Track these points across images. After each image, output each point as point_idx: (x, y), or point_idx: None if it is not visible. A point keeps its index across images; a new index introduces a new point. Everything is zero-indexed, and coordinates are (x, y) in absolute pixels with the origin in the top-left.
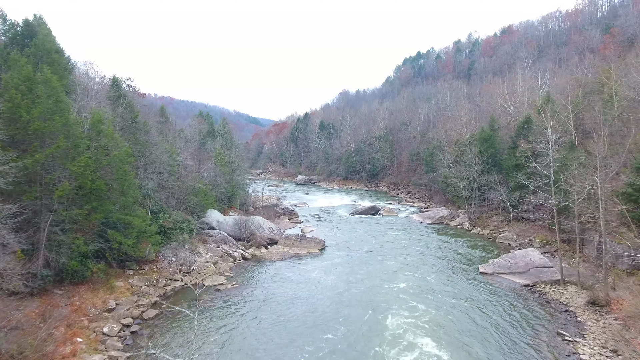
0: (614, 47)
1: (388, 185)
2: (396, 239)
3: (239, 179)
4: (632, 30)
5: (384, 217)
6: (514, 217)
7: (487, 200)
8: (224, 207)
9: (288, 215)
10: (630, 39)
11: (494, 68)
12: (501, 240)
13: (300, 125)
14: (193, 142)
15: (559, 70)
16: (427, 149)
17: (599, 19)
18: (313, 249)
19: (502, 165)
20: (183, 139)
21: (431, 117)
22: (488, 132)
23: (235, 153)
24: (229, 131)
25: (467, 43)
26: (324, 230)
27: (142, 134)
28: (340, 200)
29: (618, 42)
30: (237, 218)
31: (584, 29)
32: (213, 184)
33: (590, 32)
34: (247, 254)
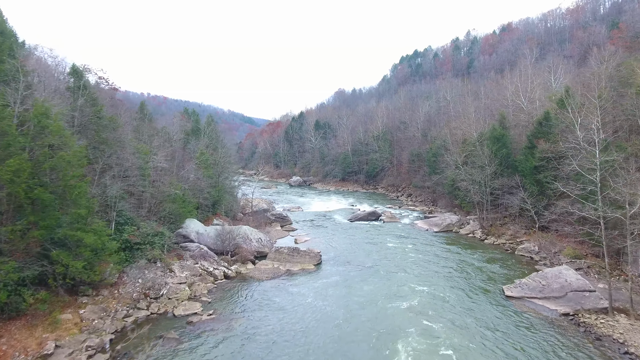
0: (623, 42)
1: (387, 187)
2: (401, 250)
3: (226, 182)
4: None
5: (385, 223)
6: (533, 225)
7: (500, 205)
8: (207, 215)
9: (280, 221)
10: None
11: (495, 66)
12: (521, 253)
13: (295, 125)
14: (176, 142)
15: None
16: (430, 149)
17: (602, 16)
18: (307, 265)
19: (518, 167)
20: (162, 138)
21: (432, 116)
22: (500, 131)
23: (221, 153)
24: (215, 129)
25: (465, 41)
26: (320, 240)
27: (108, 131)
28: (337, 204)
29: (627, 38)
30: (220, 228)
31: (588, 25)
32: (194, 188)
33: (595, 28)
34: (231, 271)
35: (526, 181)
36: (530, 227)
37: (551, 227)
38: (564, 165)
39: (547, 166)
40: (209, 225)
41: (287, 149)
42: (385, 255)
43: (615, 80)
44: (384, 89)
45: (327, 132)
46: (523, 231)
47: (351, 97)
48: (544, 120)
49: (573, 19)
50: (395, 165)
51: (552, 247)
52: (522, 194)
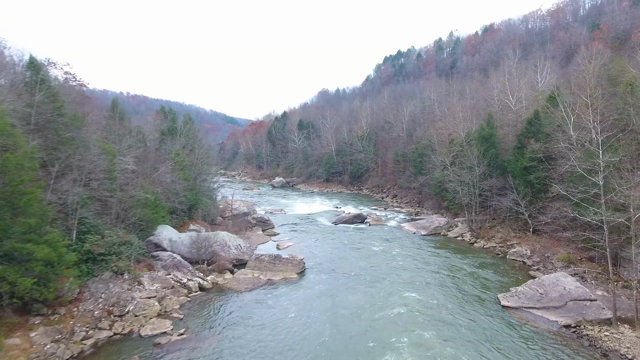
0: (604, 43)
1: (372, 188)
2: (388, 255)
3: (205, 184)
4: (622, 26)
5: (371, 226)
6: (526, 228)
7: (490, 207)
8: (183, 220)
9: (262, 225)
10: (621, 35)
11: (478, 66)
12: (513, 257)
13: (278, 125)
14: (151, 142)
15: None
16: (416, 150)
17: (582, 17)
18: (290, 273)
19: (507, 167)
20: (134, 138)
21: (417, 116)
22: (488, 130)
23: (199, 154)
24: (193, 129)
25: (448, 42)
26: (304, 245)
27: (71, 130)
28: (321, 206)
29: (608, 39)
30: (196, 235)
31: (569, 26)
32: (169, 192)
33: (576, 29)
34: (207, 282)
35: (516, 182)
36: (521, 229)
37: (543, 230)
38: (556, 166)
39: (538, 167)
40: (183, 232)
41: (270, 149)
42: (372, 260)
43: (603, 78)
44: (367, 89)
45: (311, 132)
46: (513, 234)
47: (335, 97)
48: (534, 119)
49: (554, 20)
50: (380, 165)
51: (545, 251)
52: (512, 195)
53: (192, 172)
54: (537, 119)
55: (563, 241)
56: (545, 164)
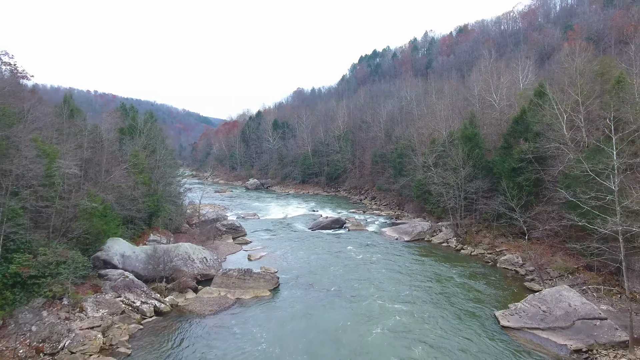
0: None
1: (349, 189)
2: (370, 264)
3: (169, 188)
4: (595, 27)
5: (350, 232)
6: (514, 233)
7: (476, 211)
8: (141, 230)
9: (232, 233)
10: (594, 35)
11: (454, 66)
12: (504, 266)
13: (252, 124)
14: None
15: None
16: (395, 150)
17: (554, 19)
18: (261, 291)
19: (493, 169)
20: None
21: (395, 115)
22: (471, 130)
23: (161, 155)
24: (155, 127)
25: (423, 42)
26: (278, 255)
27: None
28: (297, 210)
29: (582, 39)
30: (154, 248)
31: (542, 27)
32: (124, 199)
33: (549, 30)
34: (164, 304)
35: (504, 184)
36: (509, 234)
37: (533, 235)
38: (546, 167)
39: (527, 168)
40: (140, 244)
41: (244, 149)
42: (353, 271)
43: (587, 76)
44: (343, 88)
45: (286, 131)
46: (501, 239)
47: (310, 96)
48: (520, 118)
49: (526, 22)
50: (357, 166)
51: (537, 258)
52: (501, 198)
53: (154, 176)
54: (524, 117)
55: (556, 247)
56: (535, 165)
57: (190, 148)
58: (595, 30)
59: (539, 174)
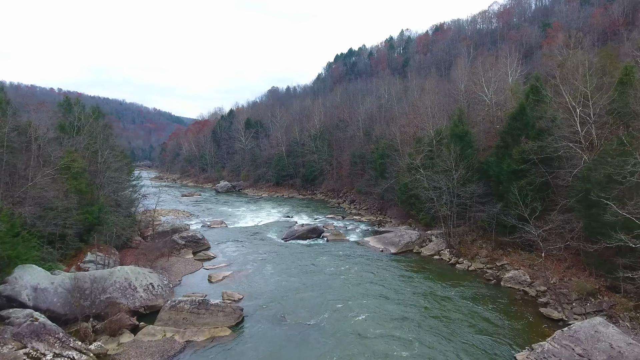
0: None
1: (327, 192)
2: (354, 285)
3: (115, 197)
4: (575, 25)
5: (329, 242)
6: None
7: (470, 218)
8: (76, 249)
9: (193, 247)
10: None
11: (431, 64)
12: (510, 285)
13: (224, 124)
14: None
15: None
16: (376, 150)
17: (530, 18)
18: (220, 329)
19: (488, 171)
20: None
21: (374, 113)
22: (462, 128)
23: (104, 157)
24: (99, 125)
25: (399, 40)
26: (244, 274)
27: None
28: (270, 215)
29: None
30: (82, 277)
31: (521, 25)
32: (49, 211)
33: (527, 29)
34: (88, 355)
35: (503, 188)
36: (510, 245)
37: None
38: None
39: (531, 170)
40: (72, 268)
41: (215, 150)
42: (334, 295)
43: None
44: (319, 87)
45: (260, 131)
46: (500, 251)
47: (285, 95)
48: (519, 114)
49: (502, 21)
50: (335, 167)
51: (547, 276)
52: (499, 204)
53: (97, 181)
54: (523, 113)
55: (566, 261)
56: (540, 167)
57: (159, 149)
58: (575, 28)
59: (545, 177)
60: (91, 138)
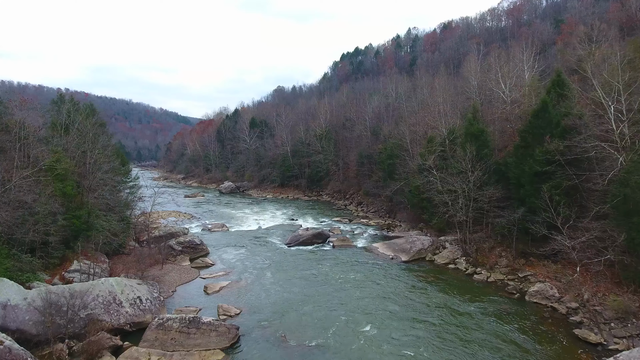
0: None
1: (333, 193)
2: (363, 299)
3: (105, 200)
4: (590, 21)
5: (335, 248)
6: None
7: (488, 224)
8: (60, 256)
9: (190, 252)
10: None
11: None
12: (536, 300)
13: (229, 123)
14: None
15: None
16: (385, 150)
17: (541, 15)
18: (212, 351)
19: (506, 173)
20: None
21: (381, 112)
22: (478, 126)
23: (93, 157)
24: (88, 123)
25: (406, 39)
26: (243, 285)
27: None
28: (274, 218)
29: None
30: (60, 292)
31: (532, 22)
32: (28, 217)
33: (539, 26)
34: None
35: (524, 192)
36: (532, 253)
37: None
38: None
39: (556, 172)
40: (55, 279)
41: (219, 150)
42: (340, 310)
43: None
44: (325, 86)
45: (264, 130)
46: (522, 260)
47: (291, 95)
48: (541, 111)
49: (513, 18)
50: (341, 168)
51: (576, 289)
52: (521, 210)
53: (86, 183)
54: (545, 110)
55: (588, 270)
56: (567, 170)
57: (165, 149)
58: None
59: (573, 181)
60: (81, 137)
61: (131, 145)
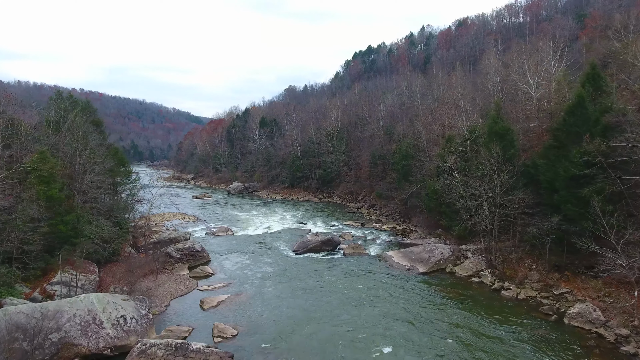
0: (596, 31)
1: (344, 195)
2: (375, 316)
3: (98, 204)
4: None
5: (346, 257)
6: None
7: (516, 232)
8: (44, 267)
9: (190, 260)
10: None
11: (455, 60)
12: (578, 324)
13: (239, 123)
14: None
15: None
16: (399, 150)
17: (561, 10)
18: None
19: (536, 176)
20: None
21: (395, 111)
22: (502, 125)
23: (83, 158)
24: (80, 121)
25: (420, 37)
26: (244, 299)
27: None
28: (282, 221)
29: (602, 27)
30: (30, 312)
31: (553, 17)
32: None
33: (560, 21)
34: None
35: (559, 198)
36: (567, 266)
37: None
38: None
39: (597, 176)
40: (35, 292)
41: (229, 150)
42: (352, 332)
43: None
44: (337, 85)
45: (274, 130)
46: (556, 274)
47: (303, 94)
48: (577, 107)
49: (532, 13)
50: (353, 169)
51: (625, 312)
52: (555, 217)
53: (76, 186)
54: (582, 106)
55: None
56: (610, 173)
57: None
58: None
59: (618, 186)
60: (72, 136)
61: (144, 145)
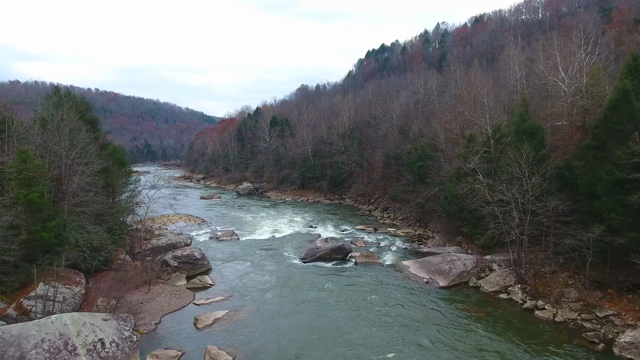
0: (624, 25)
1: (356, 197)
2: (391, 342)
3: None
4: None
5: (358, 266)
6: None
7: (549, 242)
8: (23, 279)
9: (188, 268)
10: None
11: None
12: (631, 356)
13: (250, 122)
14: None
15: None
16: (415, 150)
17: (584, 4)
18: None
19: (572, 180)
20: None
21: (410, 109)
22: (531, 122)
23: (69, 159)
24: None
25: (435, 34)
26: (243, 316)
27: None
28: (291, 224)
29: (630, 21)
30: None
31: (577, 11)
32: None
33: (583, 15)
34: None
35: (600, 205)
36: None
37: None
38: None
39: None
40: (10, 308)
41: (239, 149)
42: (364, 357)
43: None
44: (349, 84)
45: (285, 129)
46: (598, 292)
47: (315, 93)
48: (620, 103)
49: (552, 9)
50: (365, 169)
51: None
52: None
53: (62, 189)
54: (626, 101)
55: None
56: None
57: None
58: None
59: None
60: (59, 135)
61: (157, 144)
